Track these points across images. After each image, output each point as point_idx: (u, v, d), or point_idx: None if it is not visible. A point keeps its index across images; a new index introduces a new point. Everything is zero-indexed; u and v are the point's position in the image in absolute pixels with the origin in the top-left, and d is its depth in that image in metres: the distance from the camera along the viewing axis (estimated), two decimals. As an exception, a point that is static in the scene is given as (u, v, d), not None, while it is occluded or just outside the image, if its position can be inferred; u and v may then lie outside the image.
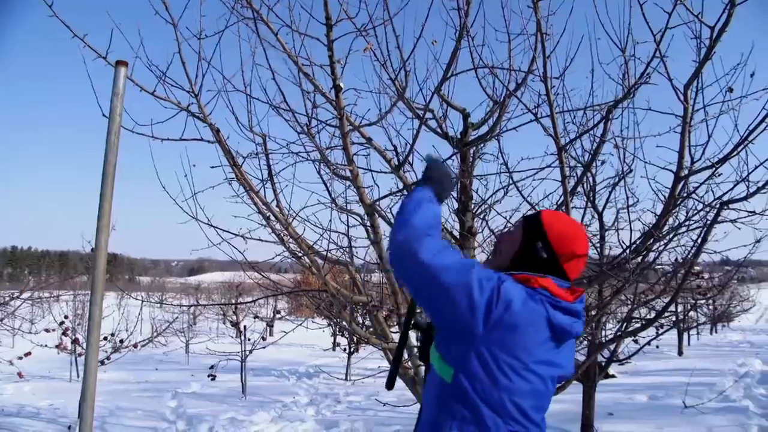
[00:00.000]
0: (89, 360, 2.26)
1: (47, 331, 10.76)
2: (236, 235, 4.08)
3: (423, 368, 4.02)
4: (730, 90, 3.57)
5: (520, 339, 1.70)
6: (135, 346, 8.62)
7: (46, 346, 9.73)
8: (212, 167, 3.98)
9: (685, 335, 18.47)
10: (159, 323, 13.97)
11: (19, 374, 8.95)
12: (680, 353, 16.43)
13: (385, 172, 3.73)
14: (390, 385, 2.14)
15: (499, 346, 1.68)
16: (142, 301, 7.14)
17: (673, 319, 13.69)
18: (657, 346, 14.72)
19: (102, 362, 7.54)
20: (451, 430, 1.72)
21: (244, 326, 11.73)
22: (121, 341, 8.42)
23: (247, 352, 10.64)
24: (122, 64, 2.40)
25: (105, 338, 8.21)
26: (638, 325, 4.66)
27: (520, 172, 4.10)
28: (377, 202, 3.69)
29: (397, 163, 3.64)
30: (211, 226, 4.04)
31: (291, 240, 3.98)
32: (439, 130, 4.10)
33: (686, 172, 3.57)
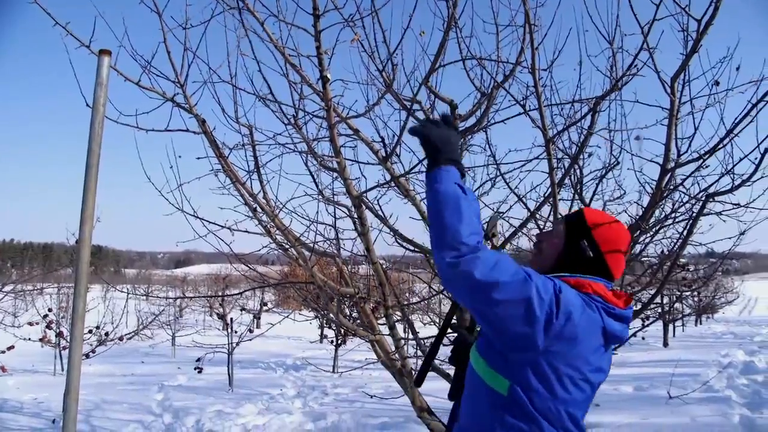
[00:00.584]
0: (73, 353, 2.23)
1: (30, 324, 10.67)
2: (222, 226, 4.06)
3: (410, 360, 4.03)
4: (717, 83, 3.58)
5: (579, 349, 1.67)
6: (120, 338, 8.58)
7: (29, 339, 9.66)
8: (198, 158, 3.95)
9: (671, 327, 18.66)
10: (145, 316, 13.91)
11: (2, 368, 8.87)
12: (665, 344, 16.60)
13: (373, 164, 3.71)
14: (419, 382, 2.11)
15: (559, 358, 1.64)
16: (128, 294, 7.10)
17: (659, 310, 13.84)
18: (643, 338, 14.92)
19: (87, 355, 7.49)
20: None
21: (231, 318, 11.68)
22: (107, 334, 8.38)
23: (234, 345, 10.61)
24: (105, 53, 2.36)
25: (90, 331, 8.16)
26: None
27: (507, 164, 4.10)
28: (364, 194, 3.67)
29: (384, 154, 3.62)
30: (197, 217, 4.01)
31: (278, 232, 3.96)
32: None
33: (673, 164, 3.58)
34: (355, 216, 3.70)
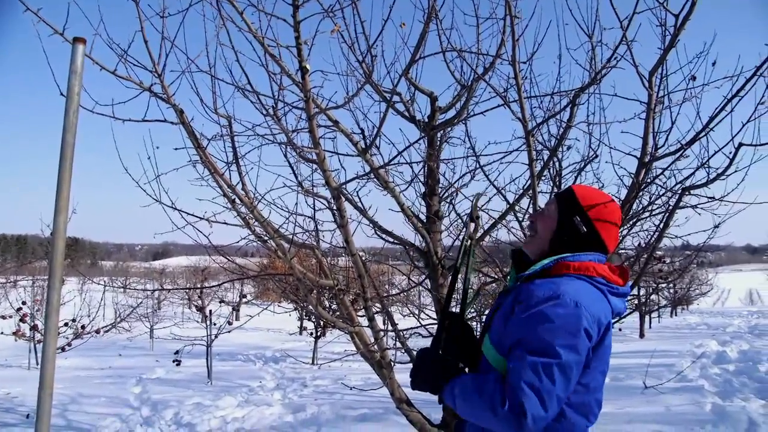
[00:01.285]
0: (47, 346, 2.19)
1: (4, 317, 10.48)
2: (201, 218, 4.01)
3: (389, 352, 4.03)
4: (693, 78, 3.62)
5: (607, 342, 1.77)
6: (97, 331, 8.48)
7: (2, 333, 9.49)
8: (176, 149, 3.89)
9: (647, 318, 18.95)
10: (122, 308, 13.77)
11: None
12: (641, 336, 16.86)
13: (352, 156, 3.69)
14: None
15: (595, 358, 1.73)
16: (105, 286, 7.01)
17: (636, 302, 14.04)
18: (620, 329, 15.16)
19: (63, 349, 7.40)
20: None
21: (210, 311, 11.60)
22: (83, 327, 8.26)
23: (213, 337, 10.55)
24: (80, 41, 2.30)
25: (66, 324, 8.05)
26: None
27: (487, 155, 4.11)
28: (344, 185, 3.65)
29: (363, 146, 3.60)
30: (175, 209, 3.96)
31: (256, 223, 3.92)
32: (406, 113, 4.07)
33: (650, 157, 3.61)
34: (335, 208, 3.68)
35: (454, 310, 2.07)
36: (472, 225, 2.20)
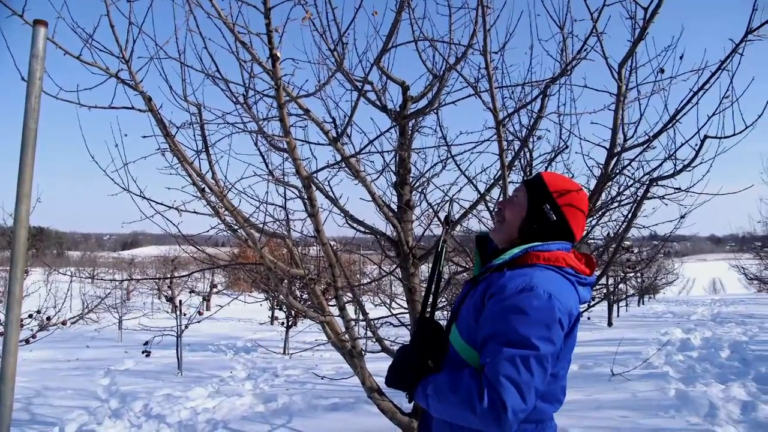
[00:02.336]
0: (9, 338, 2.13)
1: (-34, 309, 10.20)
2: (170, 207, 3.95)
3: (360, 341, 4.04)
4: (662, 71, 3.67)
5: (575, 332, 1.77)
6: (64, 323, 8.28)
7: (-36, 324, 9.21)
8: (144, 137, 3.82)
9: (615, 307, 19.31)
10: (90, 299, 13.52)
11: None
12: (610, 324, 17.17)
13: (323, 144, 3.66)
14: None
15: (564, 348, 1.72)
16: (72, 277, 6.86)
17: (604, 291, 14.29)
18: (588, 318, 15.42)
19: (27, 341, 7.22)
20: None
21: (180, 301, 11.47)
22: (48, 318, 8.06)
23: (183, 327, 10.44)
24: (41, 23, 2.23)
25: (30, 316, 7.85)
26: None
27: (458, 145, 4.12)
28: (315, 175, 3.62)
29: (335, 135, 3.58)
30: (144, 198, 3.89)
31: (226, 213, 3.88)
32: (378, 102, 4.05)
33: (619, 149, 3.66)
34: (305, 197, 3.65)
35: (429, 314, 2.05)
36: (445, 228, 2.20)
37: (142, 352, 10.27)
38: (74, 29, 3.42)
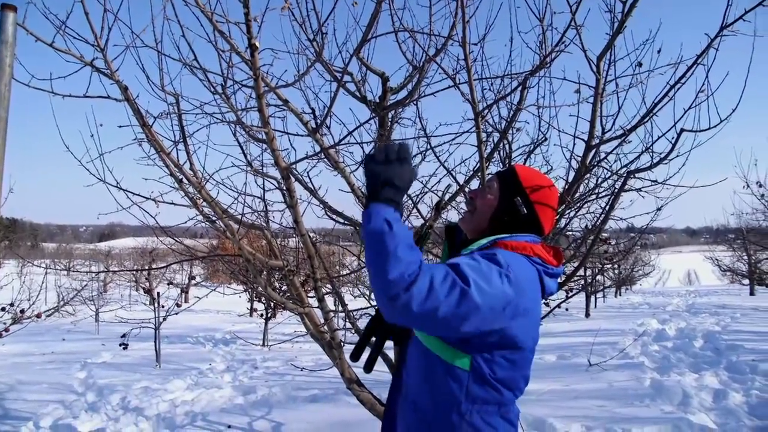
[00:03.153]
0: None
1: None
2: (147, 198, 3.91)
3: (339, 333, 4.03)
4: (639, 64, 3.70)
5: (533, 317, 1.73)
6: (38, 316, 8.14)
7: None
8: (120, 127, 3.77)
9: (593, 298, 19.56)
10: (66, 291, 13.33)
11: None
12: (587, 315, 17.40)
13: (302, 135, 3.64)
14: (356, 356, 2.03)
15: (518, 330, 1.67)
16: (47, 269, 6.74)
17: (582, 282, 14.46)
18: (566, 309, 15.58)
19: (0, 334, 7.11)
20: (472, 415, 1.71)
21: (158, 293, 11.37)
22: (22, 311, 7.92)
23: (161, 320, 10.35)
24: (9, 8, 2.16)
25: (3, 309, 7.72)
26: (548, 288, 4.82)
27: (438, 137, 4.11)
28: (294, 166, 3.60)
29: (314, 125, 3.56)
30: (121, 189, 3.84)
31: (204, 204, 3.84)
32: (357, 93, 4.03)
33: (597, 141, 3.69)
34: (284, 188, 3.63)
35: None
36: (435, 213, 2.20)
37: (120, 345, 10.16)
38: (46, 15, 3.35)
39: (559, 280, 2.02)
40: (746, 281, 28.80)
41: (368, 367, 1.98)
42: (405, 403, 1.89)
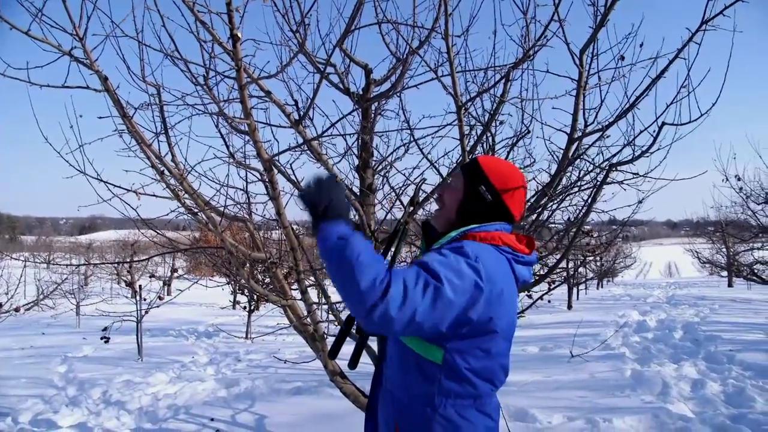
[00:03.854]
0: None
1: None
2: (128, 190, 3.86)
3: (322, 325, 4.03)
4: (622, 58, 3.73)
5: (506, 306, 1.73)
6: (17, 309, 8.06)
7: None
8: (100, 118, 3.71)
9: (575, 290, 19.74)
10: (46, 285, 13.17)
11: None
12: (569, 307, 17.56)
13: (285, 127, 3.62)
14: (333, 354, 2.07)
15: (492, 320, 1.69)
16: (25, 262, 6.65)
17: (564, 274, 14.58)
18: (549, 301, 15.72)
19: (-22, 328, 7.02)
20: (446, 408, 1.73)
21: (140, 286, 11.27)
22: (0, 305, 7.83)
23: (143, 313, 10.26)
24: (-16, -5, 2.14)
25: (-19, 302, 7.62)
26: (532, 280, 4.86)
27: (421, 129, 4.12)
28: (276, 157, 3.58)
29: (297, 117, 3.54)
30: (101, 180, 3.78)
31: (186, 196, 3.81)
32: (340, 85, 4.01)
33: (579, 134, 3.71)
34: (267, 180, 3.61)
35: None
36: (411, 209, 2.21)
37: (101, 338, 10.04)
38: (21, 2, 3.28)
39: (538, 270, 2.04)
40: (725, 273, 29.25)
41: (352, 363, 2.00)
42: (384, 395, 1.92)
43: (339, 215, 1.62)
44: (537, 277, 4.71)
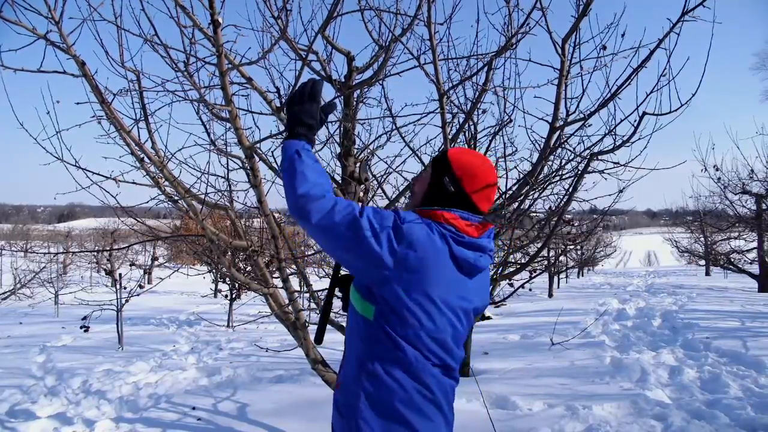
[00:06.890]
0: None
1: None
2: (107, 177, 3.80)
3: (304, 313, 4.03)
4: (604, 47, 3.74)
5: (432, 278, 1.76)
6: (-6, 298, 7.94)
7: None
8: (78, 104, 3.65)
9: (555, 278, 19.92)
10: (23, 274, 13.00)
11: None
12: (550, 295, 17.72)
13: (266, 114, 3.59)
14: (319, 339, 2.19)
15: (413, 287, 1.73)
16: (1, 250, 6.55)
17: (545, 263, 14.70)
18: (530, 289, 15.87)
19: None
20: (375, 367, 1.78)
21: (120, 274, 11.15)
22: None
23: (124, 301, 10.16)
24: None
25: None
26: (513, 269, 4.91)
27: (403, 117, 4.11)
28: (257, 145, 3.55)
29: (278, 104, 3.51)
30: (79, 167, 3.73)
31: (167, 183, 3.77)
32: (322, 72, 3.98)
33: (561, 123, 3.72)
34: (248, 167, 3.58)
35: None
36: (362, 187, 2.29)
37: (81, 328, 9.96)
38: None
39: (519, 258, 2.06)
40: (702, 262, 29.70)
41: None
42: (342, 360, 1.99)
43: (304, 135, 1.89)
44: (518, 266, 4.75)
